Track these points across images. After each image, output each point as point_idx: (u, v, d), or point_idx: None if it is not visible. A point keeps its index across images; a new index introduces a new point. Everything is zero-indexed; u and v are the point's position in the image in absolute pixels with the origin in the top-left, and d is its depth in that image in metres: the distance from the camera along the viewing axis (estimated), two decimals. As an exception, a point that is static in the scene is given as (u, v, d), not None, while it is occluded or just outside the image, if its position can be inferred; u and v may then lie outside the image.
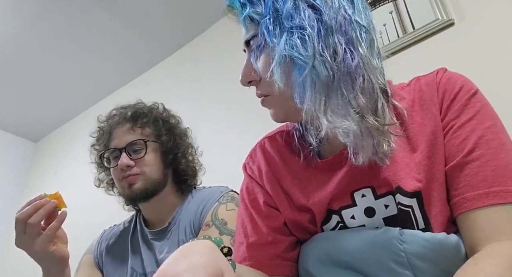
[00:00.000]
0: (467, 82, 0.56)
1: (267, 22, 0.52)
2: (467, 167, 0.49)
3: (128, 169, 0.93)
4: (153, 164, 0.96)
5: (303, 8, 0.51)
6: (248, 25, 0.56)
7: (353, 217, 0.55)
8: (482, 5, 1.16)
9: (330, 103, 0.49)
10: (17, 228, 0.76)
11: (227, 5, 0.58)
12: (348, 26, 0.51)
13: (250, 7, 0.54)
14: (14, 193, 2.72)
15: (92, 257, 1.01)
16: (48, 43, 2.10)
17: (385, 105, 0.52)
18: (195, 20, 2.01)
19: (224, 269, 0.37)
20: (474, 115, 0.52)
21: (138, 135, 0.97)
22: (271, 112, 0.58)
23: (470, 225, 0.47)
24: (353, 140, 0.50)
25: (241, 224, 0.64)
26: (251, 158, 0.70)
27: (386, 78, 0.57)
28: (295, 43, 0.50)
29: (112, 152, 0.97)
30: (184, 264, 0.35)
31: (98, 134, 1.04)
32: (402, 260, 0.47)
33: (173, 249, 0.90)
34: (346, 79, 0.49)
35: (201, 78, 2.01)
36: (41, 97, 2.51)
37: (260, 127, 0.68)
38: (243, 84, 0.59)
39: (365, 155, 0.51)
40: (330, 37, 0.50)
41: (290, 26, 0.50)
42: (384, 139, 0.51)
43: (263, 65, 0.54)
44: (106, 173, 1.04)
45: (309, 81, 0.49)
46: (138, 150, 0.95)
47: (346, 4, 0.52)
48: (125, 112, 1.01)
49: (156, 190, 0.95)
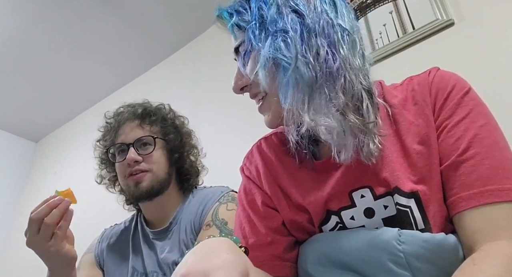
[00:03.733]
0: (460, 81, 0.56)
1: (253, 27, 0.55)
2: (462, 166, 0.49)
3: (136, 164, 0.93)
4: (160, 162, 0.96)
5: (286, 13, 0.54)
6: (236, 33, 0.59)
7: (352, 218, 0.55)
8: (482, 5, 1.15)
9: (312, 102, 0.51)
10: (31, 228, 0.75)
11: (216, 15, 0.61)
12: (331, 29, 0.53)
13: (237, 15, 0.58)
14: (14, 193, 2.72)
15: (92, 256, 1.01)
16: (48, 43, 2.10)
17: (370, 105, 0.53)
18: (195, 20, 2.01)
19: (248, 267, 0.36)
20: (468, 113, 0.52)
21: (147, 131, 0.97)
22: (265, 119, 0.60)
23: (467, 225, 0.47)
24: (335, 139, 0.52)
25: (239, 226, 0.64)
26: (248, 159, 0.70)
27: (380, 78, 0.58)
28: (279, 45, 0.52)
29: (119, 147, 0.96)
30: (215, 261, 0.34)
31: (105, 129, 1.03)
32: (401, 260, 0.47)
33: (174, 249, 0.90)
34: (328, 79, 0.51)
35: (200, 78, 2.01)
36: (41, 97, 2.51)
37: (259, 127, 0.68)
38: (236, 92, 0.61)
39: (347, 153, 0.52)
40: (313, 39, 0.52)
41: (274, 30, 0.53)
42: (368, 138, 0.52)
43: (250, 68, 0.57)
44: (108, 169, 1.04)
45: (292, 81, 0.51)
46: (146, 147, 0.96)
47: (328, 8, 0.54)
48: (134, 109, 1.01)
49: (161, 189, 0.95)
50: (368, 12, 1.39)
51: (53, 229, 0.75)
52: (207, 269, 0.33)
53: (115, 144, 0.97)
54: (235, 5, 0.60)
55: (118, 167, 0.97)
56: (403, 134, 0.55)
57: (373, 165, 0.53)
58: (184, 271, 0.33)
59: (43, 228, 0.74)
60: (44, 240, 0.74)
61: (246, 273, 0.35)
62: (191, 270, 0.33)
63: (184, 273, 0.33)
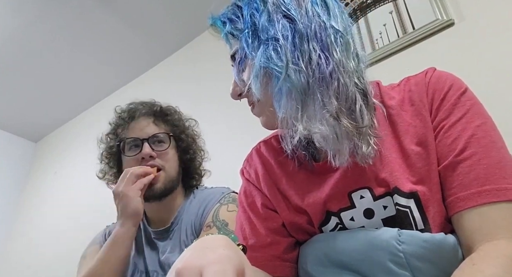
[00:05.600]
0: (456, 81, 0.56)
1: (246, 36, 0.55)
2: (459, 167, 0.49)
3: (151, 159, 0.93)
4: (173, 160, 0.97)
5: (277, 19, 0.53)
6: (231, 41, 0.59)
7: (352, 219, 0.55)
8: (482, 5, 1.16)
9: (306, 109, 0.51)
10: (123, 178, 0.88)
11: (210, 24, 0.62)
12: (323, 32, 0.52)
13: (230, 24, 0.58)
14: (14, 193, 2.72)
15: (98, 248, 1.01)
16: (48, 43, 2.10)
17: (364, 107, 0.53)
18: (195, 20, 2.01)
19: (245, 263, 0.37)
20: (464, 114, 0.52)
21: (162, 129, 0.98)
22: (260, 120, 0.60)
23: (465, 225, 0.47)
24: (330, 144, 0.52)
25: (239, 228, 0.64)
26: (247, 162, 0.71)
27: (378, 79, 0.58)
28: (270, 54, 0.52)
29: (133, 142, 0.96)
30: (210, 256, 0.34)
31: (117, 123, 1.02)
32: (401, 260, 0.48)
33: (175, 249, 0.90)
34: (321, 84, 0.51)
35: (200, 78, 2.01)
36: (41, 97, 2.51)
37: (259, 127, 0.68)
38: (234, 98, 0.62)
39: (342, 158, 0.52)
40: (305, 45, 0.52)
41: (266, 38, 0.53)
42: (362, 140, 0.52)
43: (246, 77, 0.57)
44: (110, 165, 1.03)
45: (285, 89, 0.51)
46: (161, 143, 0.96)
47: (320, 10, 0.54)
48: (150, 106, 1.01)
49: (171, 189, 0.96)
50: (368, 12, 1.39)
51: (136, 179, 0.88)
52: (202, 264, 0.33)
53: (128, 138, 0.96)
54: (228, 13, 0.60)
55: (128, 161, 0.96)
56: (401, 135, 0.55)
57: (371, 166, 0.53)
58: (179, 267, 0.33)
59: (129, 175, 0.87)
60: (128, 184, 0.86)
61: (242, 268, 0.35)
62: (186, 264, 0.33)
63: (179, 268, 0.33)
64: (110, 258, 0.83)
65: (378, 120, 0.56)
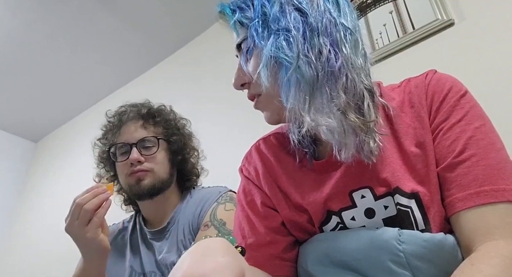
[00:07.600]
0: (456, 84, 0.56)
1: (256, 25, 0.55)
2: (458, 168, 0.50)
3: (138, 164, 0.93)
4: (163, 163, 0.97)
5: (289, 11, 0.53)
6: (238, 30, 0.59)
7: (353, 219, 0.55)
8: (482, 5, 1.16)
9: (314, 102, 0.51)
10: (74, 213, 0.77)
11: (219, 11, 0.61)
12: (333, 28, 0.53)
13: (240, 12, 0.58)
14: (14, 193, 2.72)
15: None
16: (48, 43, 2.10)
17: (371, 105, 0.53)
18: (195, 20, 2.01)
19: (245, 268, 0.37)
20: (463, 116, 0.52)
21: (151, 132, 0.98)
22: (264, 115, 0.60)
23: (463, 225, 0.47)
24: (336, 138, 0.52)
25: (238, 226, 0.64)
26: (247, 160, 0.70)
27: (379, 79, 0.58)
28: (281, 44, 0.52)
29: (121, 147, 0.96)
30: (210, 264, 0.35)
31: (107, 128, 1.03)
32: (401, 260, 0.48)
33: (171, 249, 0.90)
34: (330, 78, 0.51)
35: (200, 78, 2.01)
36: (41, 97, 2.51)
37: (259, 127, 0.68)
38: (236, 88, 0.61)
39: (347, 152, 0.52)
40: (316, 38, 0.52)
41: (277, 28, 0.53)
42: (369, 137, 0.52)
43: (253, 66, 0.57)
44: (106, 168, 1.04)
45: (294, 80, 0.51)
46: (149, 147, 0.96)
47: (331, 7, 0.54)
48: (138, 109, 1.01)
49: (162, 188, 0.96)
50: (368, 12, 1.39)
51: (91, 215, 0.77)
52: (202, 273, 0.34)
53: (117, 144, 0.96)
54: (238, 1, 0.60)
55: (119, 166, 0.96)
56: (401, 136, 0.55)
57: (373, 165, 0.53)
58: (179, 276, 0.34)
59: (82, 213, 0.76)
60: (82, 224, 0.76)
61: (242, 275, 0.36)
62: (187, 274, 0.34)
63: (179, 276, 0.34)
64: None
65: (382, 119, 0.56)
